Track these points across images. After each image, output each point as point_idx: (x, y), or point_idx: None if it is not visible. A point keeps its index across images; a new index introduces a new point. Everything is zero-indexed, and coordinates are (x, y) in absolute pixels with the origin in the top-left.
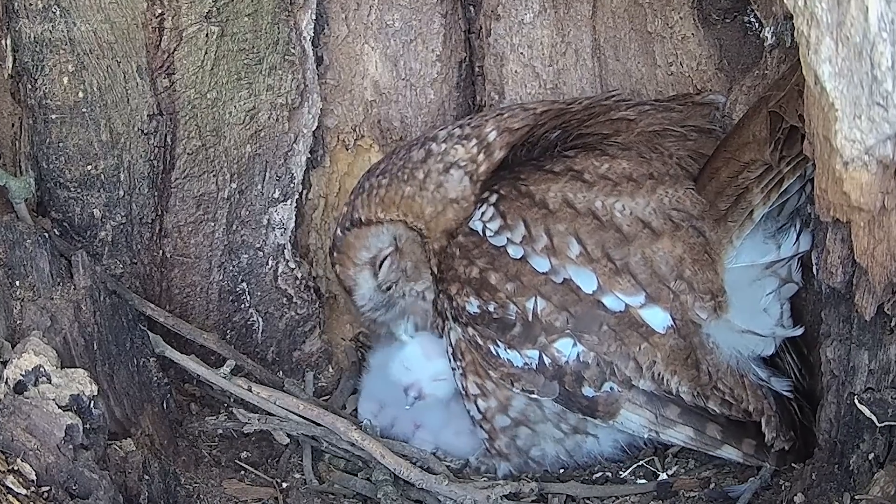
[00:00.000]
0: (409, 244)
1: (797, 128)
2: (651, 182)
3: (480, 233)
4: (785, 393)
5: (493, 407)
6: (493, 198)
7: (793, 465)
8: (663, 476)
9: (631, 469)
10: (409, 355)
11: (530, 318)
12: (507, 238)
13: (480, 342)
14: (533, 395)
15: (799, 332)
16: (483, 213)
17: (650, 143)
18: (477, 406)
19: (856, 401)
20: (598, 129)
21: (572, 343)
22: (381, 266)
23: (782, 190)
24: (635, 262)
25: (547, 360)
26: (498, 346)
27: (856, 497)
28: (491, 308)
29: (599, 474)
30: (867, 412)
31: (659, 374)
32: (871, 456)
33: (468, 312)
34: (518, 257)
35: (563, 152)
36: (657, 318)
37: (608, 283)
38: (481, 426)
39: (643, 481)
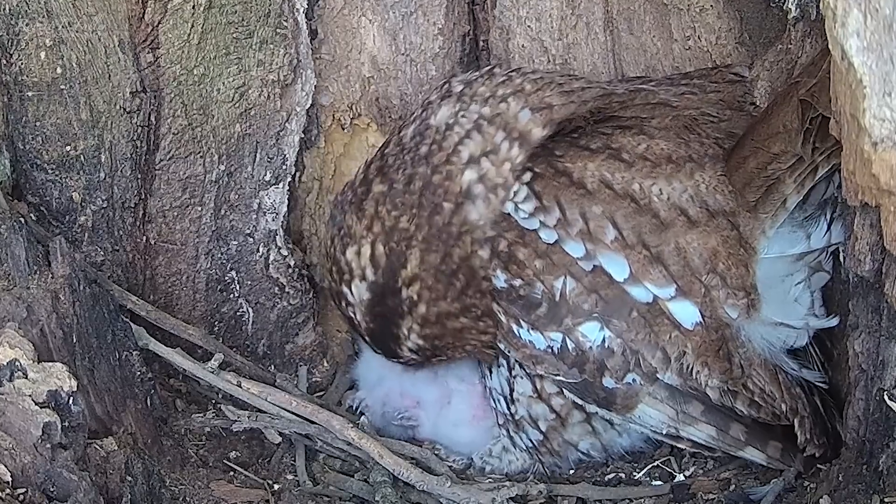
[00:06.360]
0: None
1: (829, 118)
2: (690, 165)
3: (512, 214)
4: (818, 384)
5: (566, 404)
6: (527, 176)
7: (818, 465)
8: (680, 477)
9: (646, 470)
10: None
11: (557, 299)
12: (541, 221)
13: (503, 319)
14: (558, 378)
15: (833, 322)
16: (515, 194)
17: (687, 126)
18: (530, 408)
19: (885, 397)
20: (635, 112)
21: (599, 327)
22: None
23: (817, 178)
24: (669, 252)
25: (570, 345)
26: (521, 325)
27: (885, 500)
28: (517, 284)
29: (612, 475)
30: None
31: (688, 367)
32: None
33: (494, 287)
34: (551, 242)
35: (597, 129)
36: (686, 312)
37: (640, 271)
38: (531, 427)
39: (658, 483)
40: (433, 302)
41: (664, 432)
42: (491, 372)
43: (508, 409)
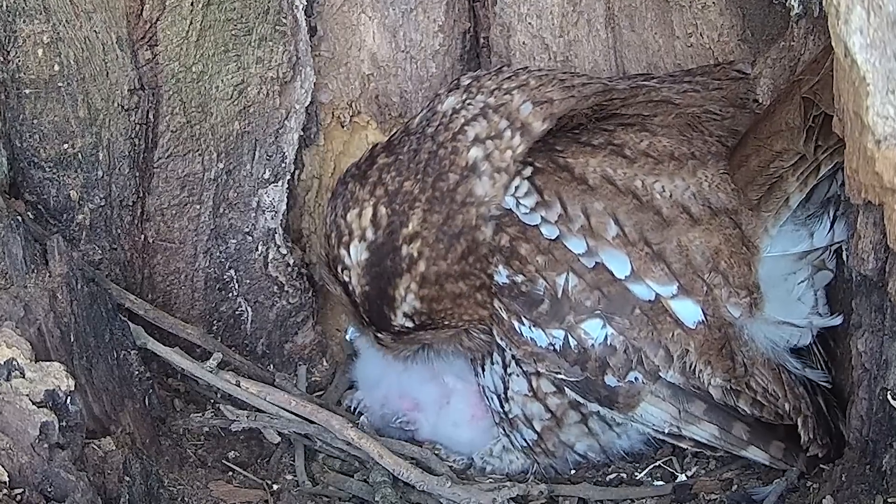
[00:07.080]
0: None
1: (832, 115)
2: (693, 162)
3: (513, 209)
4: (822, 383)
5: (563, 404)
6: (528, 171)
7: (821, 465)
8: (682, 477)
9: (647, 470)
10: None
11: (559, 295)
12: (542, 217)
13: (505, 316)
14: (559, 376)
15: (837, 320)
16: (517, 189)
17: (690, 124)
18: (525, 408)
19: (889, 396)
20: (637, 109)
21: (601, 325)
22: None
23: (820, 176)
24: (671, 250)
25: (572, 342)
26: (522, 323)
27: (889, 500)
28: (519, 280)
29: (613, 475)
30: None
31: (691, 365)
32: None
33: (496, 283)
34: (552, 238)
35: (599, 126)
36: (688, 310)
37: (642, 269)
38: (525, 426)
39: (660, 483)
40: (433, 261)
41: (666, 431)
42: (483, 369)
43: (502, 407)
